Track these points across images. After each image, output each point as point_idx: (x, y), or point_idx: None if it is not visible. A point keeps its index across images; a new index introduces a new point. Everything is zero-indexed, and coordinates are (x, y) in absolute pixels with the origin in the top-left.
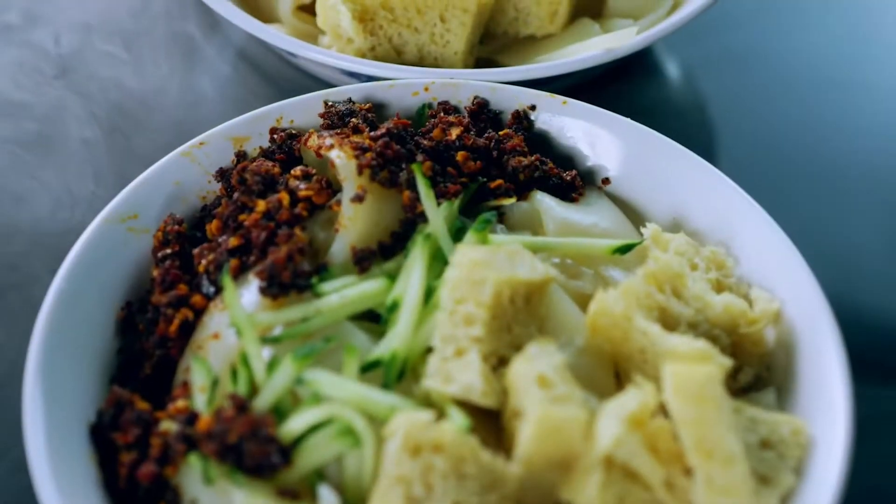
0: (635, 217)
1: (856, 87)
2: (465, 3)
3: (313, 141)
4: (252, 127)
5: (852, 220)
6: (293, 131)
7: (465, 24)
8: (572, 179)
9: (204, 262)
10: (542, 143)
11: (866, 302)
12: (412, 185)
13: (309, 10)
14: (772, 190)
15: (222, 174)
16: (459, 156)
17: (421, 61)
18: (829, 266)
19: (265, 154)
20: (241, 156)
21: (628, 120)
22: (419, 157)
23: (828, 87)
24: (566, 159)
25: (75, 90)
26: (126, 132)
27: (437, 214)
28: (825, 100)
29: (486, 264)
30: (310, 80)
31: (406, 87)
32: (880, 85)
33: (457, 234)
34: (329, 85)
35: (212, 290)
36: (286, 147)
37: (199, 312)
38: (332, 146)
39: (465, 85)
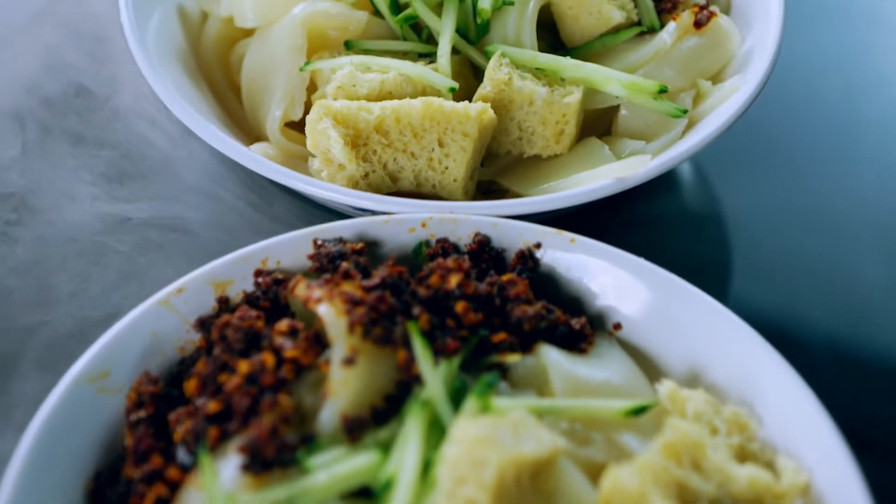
0: (649, 366)
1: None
2: (466, 127)
3: (301, 290)
4: (235, 269)
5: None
6: (279, 276)
7: (465, 150)
8: (581, 328)
9: (181, 429)
10: (548, 282)
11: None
12: (408, 342)
13: (298, 126)
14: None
15: (202, 324)
16: (459, 306)
17: (418, 188)
18: None
19: (249, 300)
20: (222, 302)
21: (640, 260)
22: (415, 310)
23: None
24: (574, 300)
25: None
26: None
27: (435, 378)
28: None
29: (488, 442)
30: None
31: (401, 222)
32: None
33: (457, 395)
34: (321, 206)
35: (189, 460)
36: (271, 294)
37: (176, 486)
38: (320, 299)
39: (465, 221)
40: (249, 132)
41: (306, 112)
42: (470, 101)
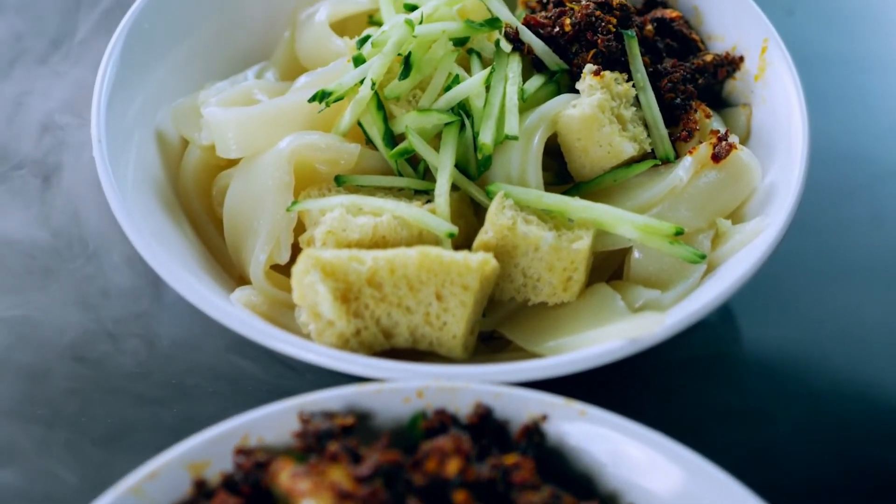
0: None
1: None
2: (466, 280)
3: (284, 479)
4: (213, 449)
5: None
6: (261, 458)
7: (465, 304)
8: None
9: None
10: (555, 457)
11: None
12: None
13: (286, 269)
14: None
15: None
16: (459, 497)
17: (414, 345)
18: None
19: (227, 484)
20: (199, 486)
21: (659, 436)
22: (410, 503)
23: None
24: (584, 478)
25: None
26: None
27: None
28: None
29: None
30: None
31: (395, 392)
32: None
33: None
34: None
35: None
36: (252, 478)
37: None
38: (305, 493)
39: (465, 390)
40: (233, 269)
41: (294, 254)
42: (470, 244)
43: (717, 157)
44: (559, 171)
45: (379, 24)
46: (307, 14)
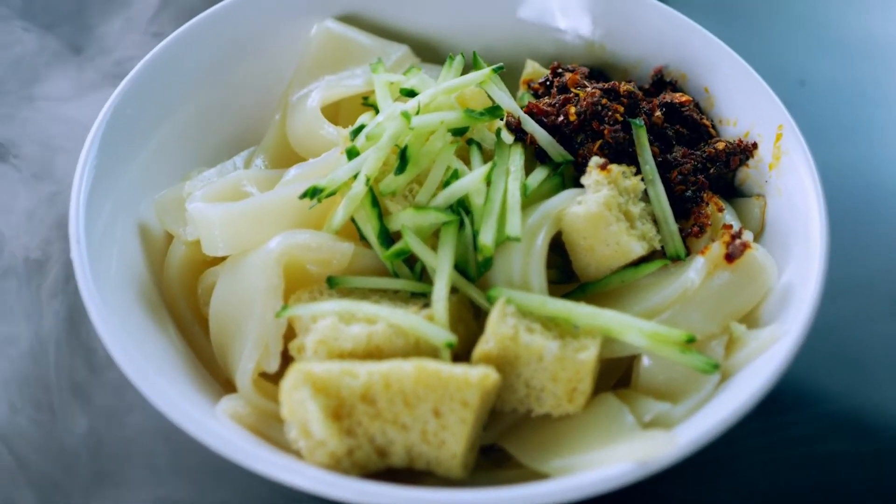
0: None
1: None
2: (465, 395)
3: None
4: None
5: None
6: None
7: (464, 421)
8: None
9: None
10: None
11: None
12: None
13: (276, 377)
14: None
15: None
16: None
17: (410, 464)
18: None
19: None
20: None
21: None
22: None
23: None
24: None
25: None
26: None
27: None
28: None
29: None
30: None
31: None
32: None
33: None
34: None
35: None
36: None
37: None
38: None
39: None
40: (220, 372)
41: (285, 360)
42: (470, 349)
43: (730, 257)
44: (564, 267)
45: (374, 106)
46: (298, 97)
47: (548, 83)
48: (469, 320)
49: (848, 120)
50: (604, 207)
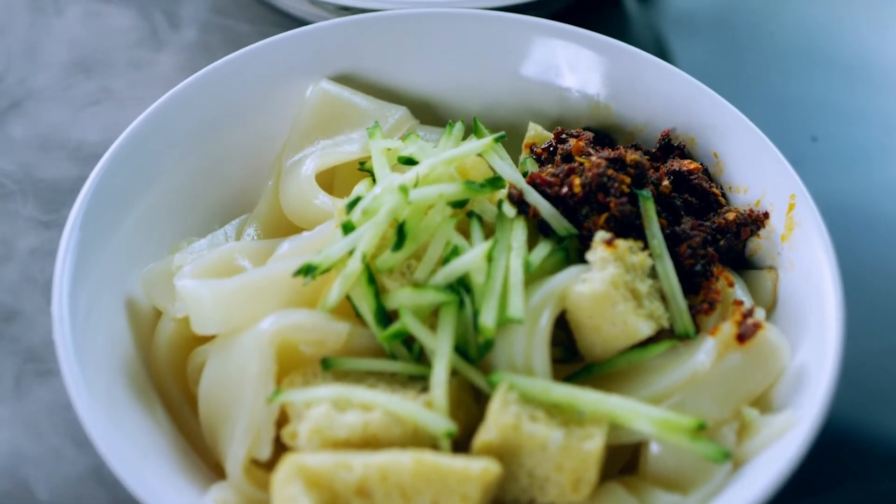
0: None
1: None
2: (465, 489)
3: None
4: None
5: None
6: None
7: None
8: None
9: None
10: None
11: None
12: None
13: (268, 465)
14: None
15: None
16: None
17: None
18: None
19: None
20: None
21: None
22: None
23: None
24: None
25: None
26: None
27: None
28: None
29: None
30: None
31: None
32: None
33: None
34: None
35: None
36: None
37: None
38: None
39: None
40: (209, 455)
41: (277, 445)
42: (470, 434)
43: (742, 338)
44: (568, 344)
45: (370, 171)
46: (292, 162)
47: (551, 149)
48: (469, 404)
49: (861, 177)
50: (610, 286)
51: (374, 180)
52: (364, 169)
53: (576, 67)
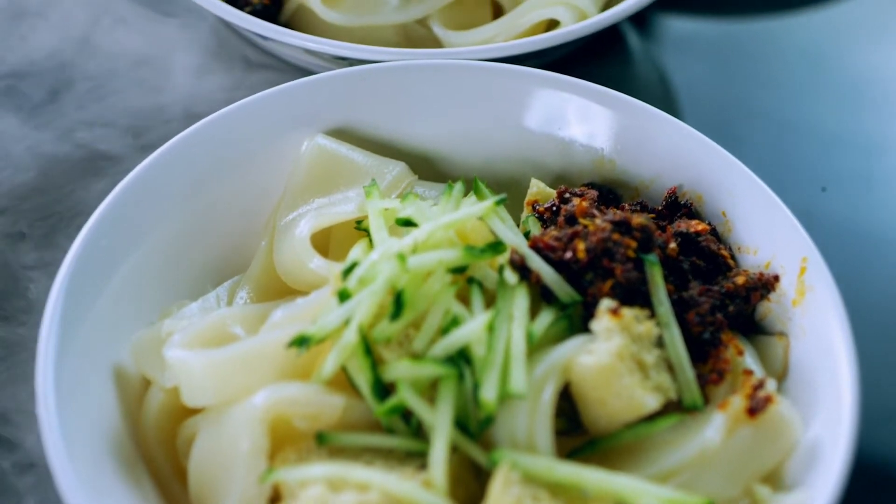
0: None
1: None
2: None
3: None
4: None
5: None
6: None
7: None
8: None
9: None
10: None
11: None
12: None
13: None
14: None
15: None
16: None
17: None
18: None
19: None
20: None
21: None
22: None
23: None
24: None
25: None
26: None
27: None
28: None
29: None
30: None
31: None
32: None
33: None
34: None
35: None
36: None
37: None
38: None
39: None
40: None
41: None
42: None
43: (753, 412)
44: (572, 415)
45: (367, 230)
46: (286, 222)
47: (554, 208)
48: (469, 481)
49: (874, 228)
50: (616, 358)
51: (370, 240)
52: (361, 228)
53: (579, 120)
